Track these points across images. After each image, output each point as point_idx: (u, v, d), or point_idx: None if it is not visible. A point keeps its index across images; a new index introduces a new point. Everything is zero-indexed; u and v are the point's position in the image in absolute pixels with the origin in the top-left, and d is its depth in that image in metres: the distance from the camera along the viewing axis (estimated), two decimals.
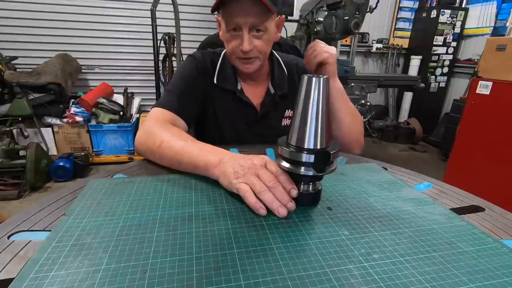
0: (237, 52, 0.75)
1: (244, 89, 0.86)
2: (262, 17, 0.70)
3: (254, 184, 0.46)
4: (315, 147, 0.44)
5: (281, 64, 0.90)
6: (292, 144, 0.45)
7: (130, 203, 0.48)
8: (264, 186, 0.45)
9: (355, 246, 0.39)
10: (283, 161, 0.46)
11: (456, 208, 0.52)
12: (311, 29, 2.48)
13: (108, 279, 0.32)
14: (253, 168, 0.48)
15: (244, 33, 0.71)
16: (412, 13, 3.87)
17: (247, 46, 0.72)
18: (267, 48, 0.77)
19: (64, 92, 2.63)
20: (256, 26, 0.71)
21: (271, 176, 0.46)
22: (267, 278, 0.33)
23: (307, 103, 0.43)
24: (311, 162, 0.44)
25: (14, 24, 2.77)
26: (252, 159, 0.50)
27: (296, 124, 0.45)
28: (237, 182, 0.48)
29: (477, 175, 2.06)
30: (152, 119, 0.70)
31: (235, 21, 0.70)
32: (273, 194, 0.45)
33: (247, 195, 0.45)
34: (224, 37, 0.77)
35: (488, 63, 1.99)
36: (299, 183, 0.49)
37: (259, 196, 0.45)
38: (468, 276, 0.35)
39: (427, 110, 3.82)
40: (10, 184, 2.10)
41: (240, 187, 0.47)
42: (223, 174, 0.51)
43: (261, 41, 0.74)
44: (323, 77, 0.43)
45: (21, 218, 0.43)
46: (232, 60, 0.80)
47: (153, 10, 2.17)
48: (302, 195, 0.48)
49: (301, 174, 0.44)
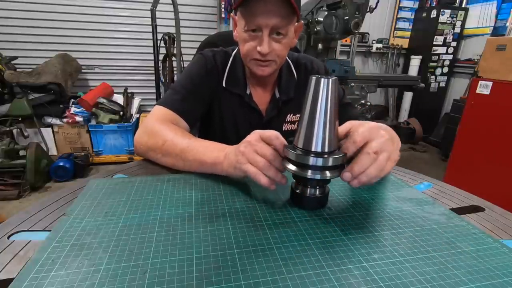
0: (253, 54, 0.72)
1: (252, 94, 0.84)
2: (286, 19, 0.68)
3: (257, 162, 0.47)
4: (322, 150, 0.43)
5: (291, 68, 0.87)
6: (299, 146, 0.44)
7: (130, 203, 0.48)
8: (266, 162, 0.47)
9: (355, 246, 0.39)
10: (289, 164, 0.45)
11: (456, 208, 0.52)
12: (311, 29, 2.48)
13: (108, 279, 0.32)
14: (250, 145, 0.49)
15: (264, 35, 0.68)
16: (412, 13, 3.87)
17: (266, 48, 0.69)
18: (285, 52, 0.74)
19: (64, 92, 2.63)
20: (278, 28, 0.68)
21: (267, 149, 0.48)
22: (267, 278, 0.33)
23: (315, 105, 0.42)
24: (318, 165, 0.42)
25: (14, 24, 2.77)
26: (247, 138, 0.51)
27: (303, 126, 0.44)
28: (242, 164, 0.49)
29: (477, 175, 2.06)
30: (153, 117, 0.70)
31: (257, 21, 0.67)
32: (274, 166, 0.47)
33: (258, 177, 0.47)
34: (240, 37, 0.73)
35: (488, 63, 1.99)
36: (305, 186, 0.48)
37: (263, 172, 0.47)
38: (468, 276, 0.35)
39: (427, 110, 3.82)
40: (10, 184, 2.10)
41: (248, 169, 0.48)
42: (229, 164, 0.53)
43: (280, 45, 0.71)
44: (331, 78, 0.42)
45: (21, 218, 0.43)
46: (246, 61, 0.77)
47: (153, 10, 2.17)
48: (309, 198, 0.48)
49: (308, 177, 0.43)
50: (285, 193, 0.53)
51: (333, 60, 2.61)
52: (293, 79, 0.87)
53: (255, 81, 0.84)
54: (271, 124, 0.86)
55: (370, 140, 0.44)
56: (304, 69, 0.88)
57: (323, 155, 0.43)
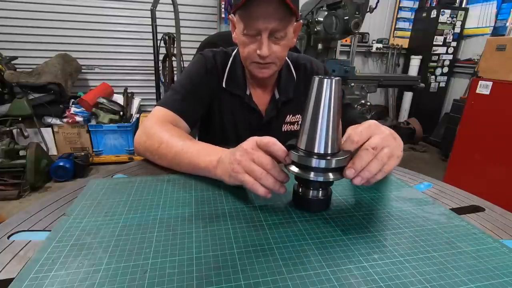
0: (253, 57, 0.72)
1: (252, 94, 0.84)
2: (284, 22, 0.68)
3: (254, 171, 0.46)
4: (325, 152, 0.42)
5: (291, 69, 0.87)
6: (301, 148, 0.44)
7: (130, 203, 0.48)
8: (263, 171, 0.45)
9: (355, 246, 0.39)
10: (291, 165, 0.45)
11: (456, 208, 0.52)
12: (311, 29, 2.48)
13: (108, 279, 0.32)
14: (246, 153, 0.47)
15: (263, 38, 0.68)
16: (412, 13, 3.87)
17: (266, 51, 0.69)
18: (284, 54, 0.74)
19: (64, 92, 2.63)
20: (277, 31, 0.68)
21: (265, 157, 0.46)
22: (267, 278, 0.33)
23: (317, 106, 0.41)
24: (321, 167, 0.42)
25: (14, 24, 2.77)
26: (243, 145, 0.49)
27: (305, 127, 0.43)
28: (237, 174, 0.47)
29: (477, 175, 2.06)
30: (153, 118, 0.70)
31: (256, 25, 0.67)
32: (272, 176, 0.45)
33: (254, 187, 0.46)
34: (239, 40, 0.73)
35: (488, 63, 1.99)
36: (308, 188, 0.47)
37: (260, 182, 0.45)
38: (468, 276, 0.35)
39: (427, 110, 3.82)
40: (10, 184, 2.10)
41: (245, 179, 0.46)
42: (223, 171, 0.51)
43: (280, 46, 0.71)
44: (334, 79, 0.41)
45: (21, 218, 0.43)
46: (246, 64, 0.77)
47: (153, 10, 2.17)
48: (311, 201, 0.47)
49: (311, 179, 0.43)
50: (285, 194, 0.52)
51: (333, 60, 2.61)
52: (293, 80, 0.87)
53: (255, 82, 0.84)
54: (270, 125, 0.86)
55: (369, 137, 0.44)
56: (303, 69, 0.88)
57: (326, 156, 0.42)
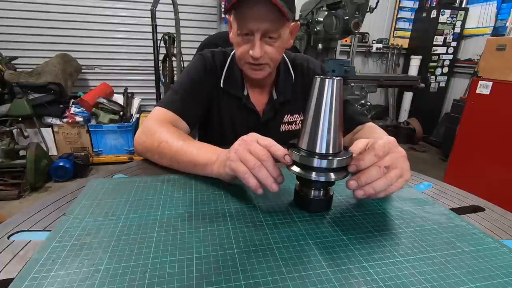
0: (246, 57, 0.73)
1: (250, 95, 0.84)
2: (277, 23, 0.67)
3: (247, 160, 0.45)
4: (327, 152, 0.42)
5: (289, 68, 0.87)
6: (303, 148, 0.44)
7: (130, 203, 0.48)
8: (257, 162, 0.44)
9: (355, 246, 0.39)
10: (293, 166, 0.45)
11: (456, 208, 0.52)
12: (311, 29, 2.48)
13: (108, 279, 0.32)
14: (244, 143, 0.47)
15: (255, 39, 0.68)
16: (412, 13, 3.87)
17: (258, 52, 0.69)
18: (278, 55, 0.74)
19: (64, 92, 2.63)
20: (269, 32, 0.68)
21: (262, 149, 0.45)
22: (267, 278, 0.33)
23: (319, 106, 0.41)
24: (323, 167, 0.42)
25: (14, 24, 2.77)
26: (243, 137, 0.49)
27: (307, 127, 0.43)
28: (232, 162, 0.47)
29: (477, 175, 2.06)
30: (152, 118, 0.70)
31: (248, 26, 0.67)
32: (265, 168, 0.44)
33: (246, 176, 0.45)
34: (234, 40, 0.74)
35: (488, 63, 1.99)
36: (309, 188, 0.47)
37: (253, 173, 0.44)
38: (468, 276, 0.35)
39: (427, 110, 3.82)
40: (10, 184, 2.10)
41: (237, 167, 0.46)
42: (220, 164, 0.52)
43: (273, 48, 0.71)
44: (336, 79, 0.41)
45: (21, 218, 0.43)
46: (240, 65, 0.77)
47: (153, 10, 2.17)
48: (313, 201, 0.47)
49: (312, 179, 0.43)
50: (285, 194, 0.53)
51: (333, 60, 2.61)
52: (291, 80, 0.87)
53: (252, 82, 0.84)
54: (268, 125, 0.86)
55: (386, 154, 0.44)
56: (300, 69, 0.88)
57: (327, 156, 0.42)
